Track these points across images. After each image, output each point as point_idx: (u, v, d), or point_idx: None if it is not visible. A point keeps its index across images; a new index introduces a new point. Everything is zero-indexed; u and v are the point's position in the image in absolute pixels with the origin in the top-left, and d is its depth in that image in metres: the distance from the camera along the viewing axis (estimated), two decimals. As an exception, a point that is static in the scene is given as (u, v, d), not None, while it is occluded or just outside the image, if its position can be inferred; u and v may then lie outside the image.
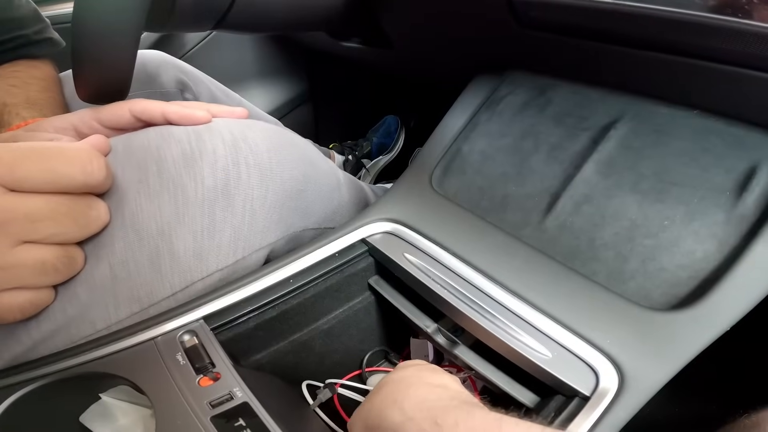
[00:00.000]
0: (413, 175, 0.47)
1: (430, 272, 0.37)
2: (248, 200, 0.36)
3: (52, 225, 0.27)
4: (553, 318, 0.32)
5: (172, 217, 0.34)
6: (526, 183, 0.41)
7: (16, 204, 0.26)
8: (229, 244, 0.36)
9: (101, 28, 0.40)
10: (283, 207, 0.39)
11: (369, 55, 0.77)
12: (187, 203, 0.34)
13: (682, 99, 0.38)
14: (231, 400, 0.28)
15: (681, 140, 0.36)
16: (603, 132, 0.39)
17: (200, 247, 0.35)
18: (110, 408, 0.31)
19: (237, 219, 0.36)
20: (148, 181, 0.34)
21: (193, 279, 0.35)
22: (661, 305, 0.32)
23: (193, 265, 0.34)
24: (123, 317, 0.33)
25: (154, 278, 0.33)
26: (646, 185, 0.36)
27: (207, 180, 0.35)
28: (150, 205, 0.33)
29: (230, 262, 0.36)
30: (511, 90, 0.48)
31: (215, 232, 0.35)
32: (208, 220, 0.35)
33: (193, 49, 0.91)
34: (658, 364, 0.29)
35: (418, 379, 0.28)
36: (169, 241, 0.34)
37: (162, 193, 0.34)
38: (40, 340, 0.31)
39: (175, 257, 0.34)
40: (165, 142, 0.35)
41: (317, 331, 0.42)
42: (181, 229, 0.34)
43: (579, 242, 0.36)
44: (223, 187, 0.35)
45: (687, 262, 0.33)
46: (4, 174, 0.25)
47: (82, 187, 0.29)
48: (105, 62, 0.42)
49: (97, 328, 0.33)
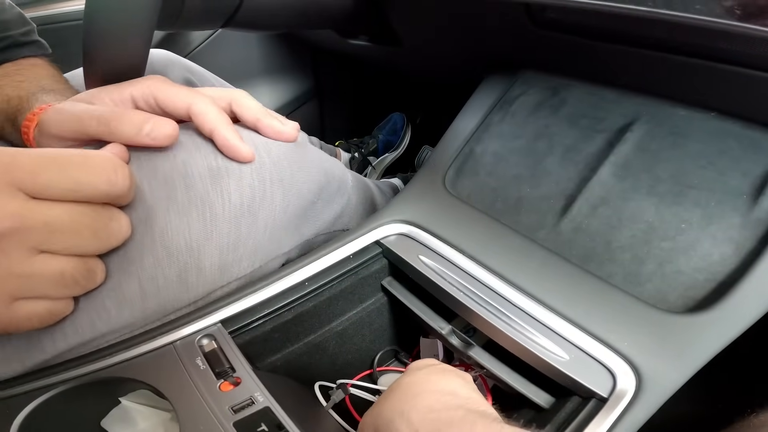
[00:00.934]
0: (426, 177, 0.47)
1: (446, 274, 0.37)
2: (270, 215, 0.37)
3: (72, 236, 0.26)
4: (569, 320, 0.33)
5: (200, 234, 0.34)
6: (540, 185, 0.41)
7: (36, 212, 0.25)
8: (249, 256, 0.36)
9: (114, 28, 0.39)
10: (299, 218, 0.40)
11: (377, 52, 0.77)
12: (215, 220, 0.34)
13: (699, 101, 0.37)
14: (252, 404, 0.28)
15: (698, 143, 0.36)
16: (619, 134, 0.39)
17: (224, 261, 0.35)
18: (130, 412, 0.31)
19: (259, 234, 0.36)
20: (176, 197, 0.33)
21: (214, 288, 0.35)
22: (677, 308, 0.32)
23: (217, 277, 0.35)
24: (136, 318, 0.33)
25: (180, 292, 0.33)
26: (663, 188, 0.36)
27: (233, 197, 0.34)
28: (179, 222, 0.33)
29: (248, 271, 0.36)
30: (524, 90, 0.48)
31: (239, 246, 0.35)
32: (234, 236, 0.35)
33: (199, 47, 0.91)
34: (675, 366, 0.30)
35: (427, 385, 0.28)
36: (198, 258, 0.34)
37: (191, 210, 0.34)
38: (67, 351, 0.31)
39: (201, 272, 0.34)
40: (191, 156, 0.34)
41: (331, 333, 0.42)
42: (208, 245, 0.34)
43: (595, 245, 0.36)
44: (249, 203, 0.35)
45: (704, 265, 0.33)
46: (25, 180, 0.25)
47: (105, 198, 0.28)
48: (118, 61, 0.42)
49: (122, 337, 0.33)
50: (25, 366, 0.31)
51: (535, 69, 0.49)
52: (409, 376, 0.29)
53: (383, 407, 0.27)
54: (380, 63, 0.89)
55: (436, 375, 0.29)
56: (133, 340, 0.32)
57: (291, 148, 0.39)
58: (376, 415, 0.27)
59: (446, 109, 0.55)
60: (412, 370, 0.30)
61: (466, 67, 0.58)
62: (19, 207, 0.24)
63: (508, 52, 0.51)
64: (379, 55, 0.78)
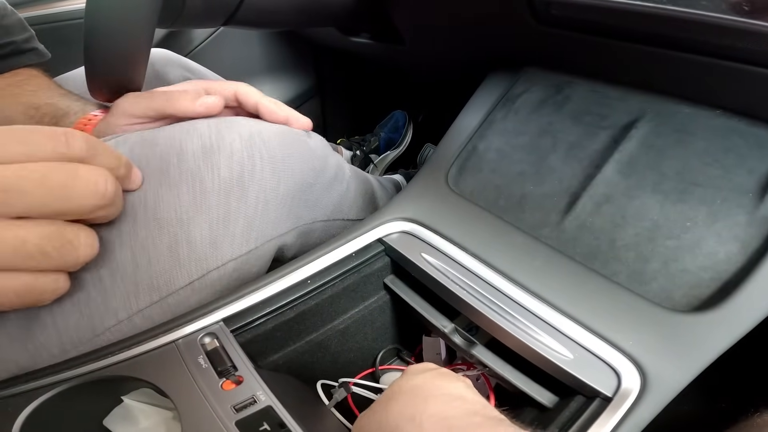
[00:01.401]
0: (429, 174, 0.46)
1: (449, 272, 0.37)
2: (261, 191, 0.38)
3: (21, 194, 0.24)
4: (573, 319, 0.32)
5: (189, 206, 0.35)
6: (544, 182, 0.40)
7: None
8: (242, 233, 0.37)
9: (115, 26, 0.39)
10: (293, 199, 0.41)
11: (378, 50, 0.77)
12: (205, 193, 0.35)
13: (704, 98, 0.37)
14: (254, 404, 0.28)
15: (703, 140, 0.36)
16: (624, 131, 0.39)
17: (215, 236, 0.36)
18: (132, 411, 0.31)
19: (250, 209, 0.37)
20: (169, 172, 0.35)
21: (209, 267, 0.35)
22: (683, 307, 0.32)
23: (209, 253, 0.35)
24: (143, 306, 0.34)
25: (172, 266, 0.34)
26: (668, 185, 0.35)
27: (223, 171, 0.36)
28: (170, 195, 0.35)
29: (243, 251, 0.37)
30: (527, 87, 0.47)
31: (230, 221, 0.36)
32: (223, 209, 0.36)
33: (200, 46, 0.91)
34: (680, 366, 0.29)
35: (435, 389, 0.27)
36: (187, 230, 0.35)
37: (181, 184, 0.35)
38: (64, 328, 0.32)
39: (192, 245, 0.35)
40: (188, 135, 0.37)
41: (333, 331, 0.42)
42: (198, 217, 0.35)
43: (599, 243, 0.35)
44: (238, 178, 0.36)
45: (709, 264, 0.32)
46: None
47: (58, 156, 0.25)
48: (119, 60, 0.42)
49: (120, 318, 0.33)
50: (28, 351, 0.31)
51: (538, 66, 0.49)
52: (411, 380, 0.28)
53: (388, 412, 0.26)
54: (382, 61, 0.89)
55: (441, 379, 0.28)
56: (136, 338, 0.32)
57: (284, 131, 0.41)
58: (379, 421, 0.26)
59: (448, 106, 0.55)
60: (412, 373, 0.29)
61: (469, 65, 0.58)
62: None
63: (511, 50, 0.50)
64: (381, 52, 0.78)
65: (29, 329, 0.31)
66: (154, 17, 0.41)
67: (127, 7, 0.39)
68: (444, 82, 0.81)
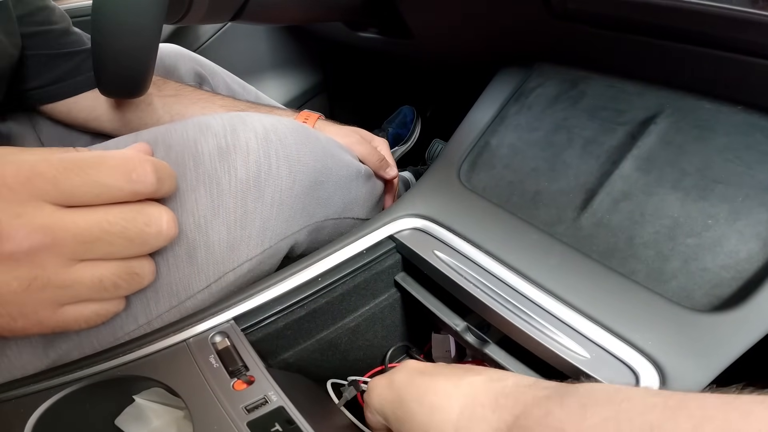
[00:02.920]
0: (440, 170, 0.46)
1: (461, 269, 0.36)
2: (277, 191, 0.37)
3: (104, 245, 0.26)
4: (590, 317, 0.32)
5: (207, 210, 0.34)
6: (559, 178, 0.40)
7: (65, 224, 0.24)
8: (258, 234, 0.36)
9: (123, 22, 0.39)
10: (307, 197, 0.40)
11: (386, 45, 0.76)
12: (222, 195, 0.35)
13: (725, 94, 0.36)
14: (266, 404, 0.28)
15: (724, 136, 0.35)
16: (642, 127, 0.38)
17: (233, 238, 0.35)
18: (144, 410, 0.31)
19: (266, 209, 0.37)
20: (185, 176, 0.35)
21: (225, 270, 0.35)
22: (703, 306, 0.31)
23: (226, 256, 0.35)
24: (162, 312, 0.34)
25: (190, 272, 0.34)
26: (689, 182, 0.34)
27: (240, 172, 0.35)
28: (188, 200, 0.34)
29: (258, 251, 0.37)
30: (540, 82, 0.47)
31: (246, 222, 0.36)
32: (240, 211, 0.35)
33: (208, 42, 0.91)
34: (699, 366, 0.28)
35: None
36: (205, 234, 0.34)
37: (198, 187, 0.35)
38: (85, 335, 0.32)
39: (210, 249, 0.34)
40: (202, 135, 0.36)
41: (343, 329, 0.41)
42: (215, 221, 0.35)
43: (617, 240, 0.35)
44: (254, 178, 0.36)
45: (730, 263, 0.31)
46: (49, 191, 0.24)
47: (134, 196, 0.26)
48: (127, 56, 0.42)
49: (139, 323, 0.33)
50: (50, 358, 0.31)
51: (551, 61, 0.48)
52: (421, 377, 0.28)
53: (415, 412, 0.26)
54: (390, 55, 0.88)
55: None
56: (147, 338, 0.32)
57: (297, 127, 0.41)
58: None
59: (457, 102, 0.54)
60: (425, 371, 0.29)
61: (480, 60, 0.57)
62: (47, 220, 0.24)
63: (524, 45, 0.49)
64: (389, 47, 0.77)
65: (52, 338, 0.31)
66: (162, 12, 0.40)
67: (135, 3, 0.38)
68: (452, 76, 0.80)
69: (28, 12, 0.49)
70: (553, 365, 0.31)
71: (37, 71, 0.51)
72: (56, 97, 0.53)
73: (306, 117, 0.57)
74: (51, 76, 0.52)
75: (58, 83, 0.53)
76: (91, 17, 0.39)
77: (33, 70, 0.51)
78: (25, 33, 0.49)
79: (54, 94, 0.53)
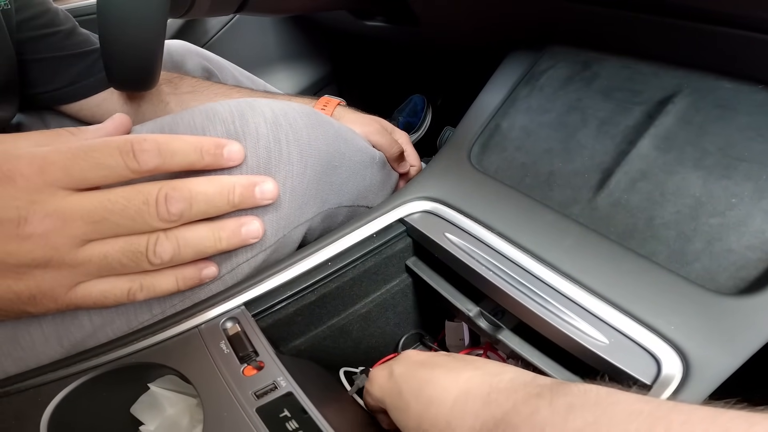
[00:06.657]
0: (451, 152, 0.45)
1: (474, 253, 0.35)
2: (289, 176, 0.36)
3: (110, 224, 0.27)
4: (608, 301, 0.31)
5: None
6: (573, 159, 0.38)
7: (74, 207, 0.26)
8: (272, 223, 0.35)
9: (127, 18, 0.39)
10: (319, 182, 0.39)
11: (393, 33, 0.75)
12: None
13: (745, 73, 0.34)
14: (275, 390, 0.27)
15: (746, 115, 0.33)
16: (659, 106, 0.36)
17: None
18: (158, 398, 0.31)
19: (278, 197, 0.36)
20: None
21: (239, 261, 0.35)
22: (728, 289, 0.30)
23: (239, 248, 0.34)
24: (176, 301, 0.33)
25: (204, 263, 0.33)
26: (711, 161, 0.33)
27: (250, 160, 0.34)
28: None
29: (273, 241, 0.36)
30: (552, 64, 0.45)
31: (258, 211, 0.35)
32: None
33: (216, 36, 0.91)
34: (725, 352, 0.27)
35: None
36: None
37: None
38: (100, 326, 0.32)
39: None
40: (210, 122, 0.35)
41: (355, 316, 0.41)
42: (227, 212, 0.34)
43: (636, 221, 0.33)
44: (265, 164, 0.35)
45: (756, 243, 0.30)
46: (61, 178, 0.26)
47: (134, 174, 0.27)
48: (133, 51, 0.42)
49: (154, 314, 0.33)
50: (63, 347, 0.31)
51: (562, 43, 0.46)
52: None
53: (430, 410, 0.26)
54: (398, 43, 0.87)
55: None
56: (160, 325, 0.32)
57: (308, 112, 0.40)
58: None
59: (467, 89, 0.53)
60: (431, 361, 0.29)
61: (488, 44, 0.56)
62: (58, 204, 0.26)
63: (534, 27, 0.48)
64: (397, 35, 0.76)
65: (66, 328, 0.31)
66: (166, 6, 0.40)
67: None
68: (461, 64, 0.79)
69: (29, 17, 0.49)
70: (570, 351, 0.31)
71: (48, 75, 0.52)
72: (69, 99, 0.53)
73: (325, 103, 0.55)
74: (63, 78, 0.52)
75: (72, 86, 0.53)
76: (97, 13, 0.39)
77: (43, 73, 0.51)
78: (29, 37, 0.49)
79: (67, 97, 0.53)
